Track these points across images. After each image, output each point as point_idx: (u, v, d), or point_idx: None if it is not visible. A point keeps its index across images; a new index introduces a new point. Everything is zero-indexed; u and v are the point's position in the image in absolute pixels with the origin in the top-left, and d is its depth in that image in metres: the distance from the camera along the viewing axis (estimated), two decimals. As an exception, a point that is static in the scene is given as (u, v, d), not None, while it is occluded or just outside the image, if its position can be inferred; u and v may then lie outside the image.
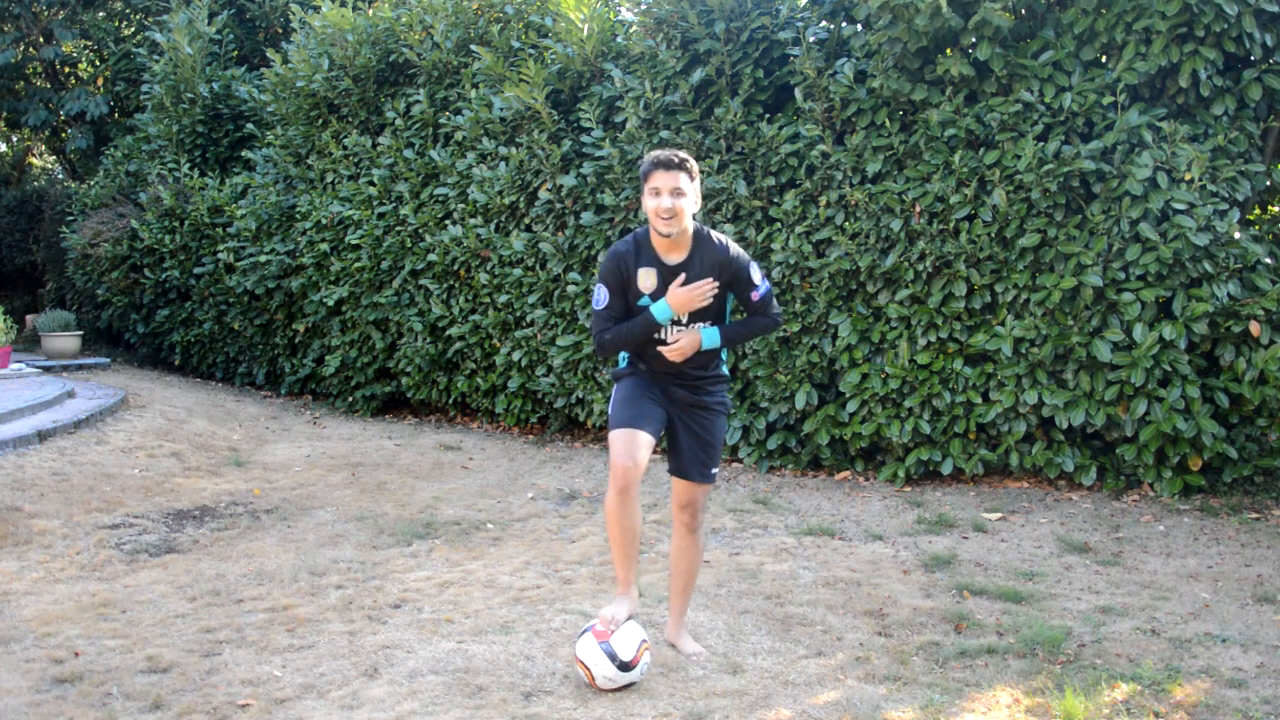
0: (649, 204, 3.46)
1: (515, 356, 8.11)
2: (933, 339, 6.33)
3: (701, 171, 6.99)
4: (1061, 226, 5.99)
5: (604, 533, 5.39)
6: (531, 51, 8.20)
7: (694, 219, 3.56)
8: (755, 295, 3.60)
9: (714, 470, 3.66)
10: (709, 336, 3.55)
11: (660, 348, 3.53)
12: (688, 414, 3.63)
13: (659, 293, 3.51)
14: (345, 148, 9.57)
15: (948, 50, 6.25)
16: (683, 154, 3.49)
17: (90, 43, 14.53)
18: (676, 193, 3.41)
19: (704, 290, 3.44)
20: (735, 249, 3.57)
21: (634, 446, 3.42)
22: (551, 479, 6.73)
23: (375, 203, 9.09)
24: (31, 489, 5.84)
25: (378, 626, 4.00)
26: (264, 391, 10.50)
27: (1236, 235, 5.83)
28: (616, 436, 3.45)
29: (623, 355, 3.71)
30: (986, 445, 6.36)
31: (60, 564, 4.78)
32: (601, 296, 3.56)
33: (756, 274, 3.60)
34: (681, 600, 3.77)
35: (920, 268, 6.33)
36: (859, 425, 6.48)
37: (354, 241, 9.08)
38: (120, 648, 3.77)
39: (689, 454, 3.62)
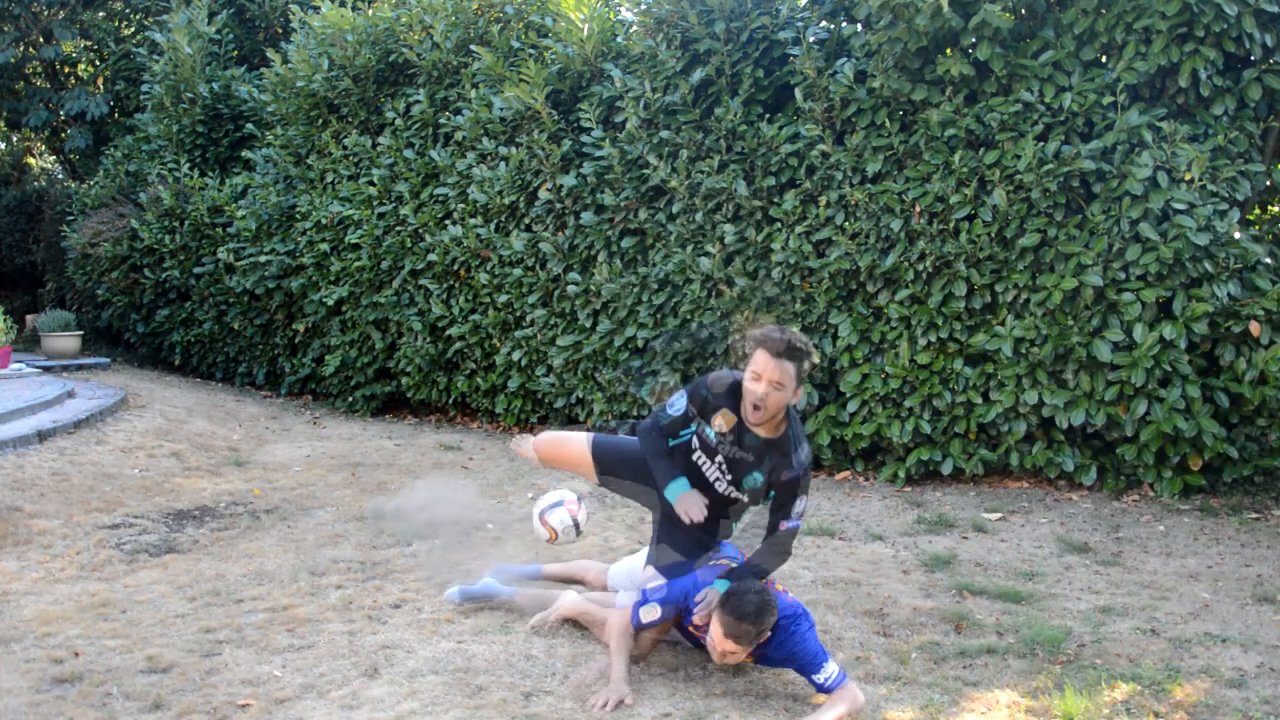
0: (746, 383, 3.25)
1: (515, 356, 8.11)
2: (933, 339, 6.33)
3: (701, 171, 7.00)
4: (1061, 226, 5.99)
5: (604, 533, 5.39)
6: (531, 51, 8.20)
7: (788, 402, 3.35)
8: (784, 525, 3.38)
9: None
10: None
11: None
12: None
13: (721, 440, 3.37)
14: (345, 148, 9.57)
15: (948, 50, 6.25)
16: (799, 341, 3.20)
17: (90, 43, 14.51)
18: (776, 386, 3.21)
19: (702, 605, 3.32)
20: (806, 478, 3.36)
21: None
22: (551, 479, 6.73)
23: (375, 203, 9.09)
24: (31, 489, 5.84)
25: (378, 626, 3.99)
26: (264, 391, 10.50)
27: (1236, 235, 5.83)
28: None
29: None
30: (986, 445, 6.36)
31: (60, 564, 4.78)
32: (677, 405, 3.45)
33: (800, 507, 3.39)
34: None
35: (920, 268, 6.33)
36: (859, 425, 6.48)
37: (354, 241, 9.08)
38: (120, 648, 3.76)
39: None
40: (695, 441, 3.51)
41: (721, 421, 3.38)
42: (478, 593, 4.24)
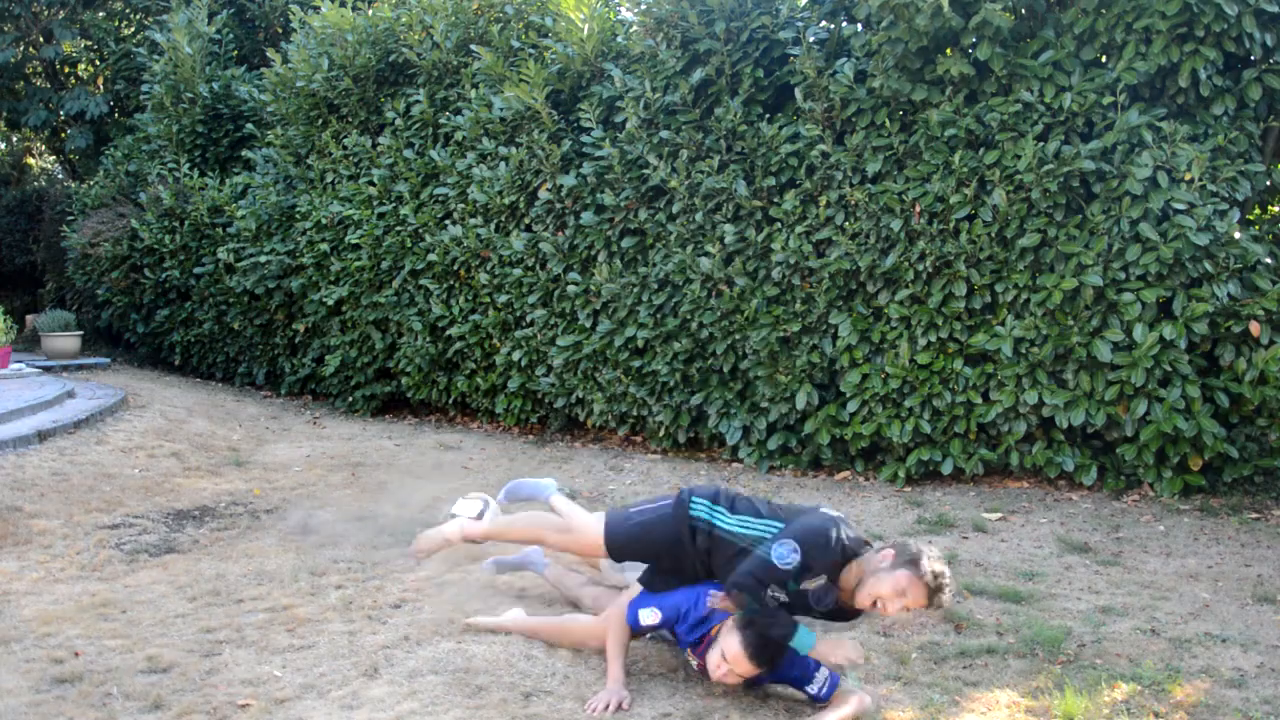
0: (887, 590, 3.18)
1: (515, 356, 8.10)
2: (933, 339, 6.33)
3: (701, 171, 7.01)
4: (1061, 226, 5.99)
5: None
6: (531, 51, 8.20)
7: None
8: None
9: None
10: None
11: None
12: None
13: (814, 598, 3.31)
14: (345, 148, 9.57)
15: (948, 50, 6.25)
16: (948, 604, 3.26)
17: (90, 42, 14.51)
18: (907, 613, 3.23)
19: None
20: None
21: None
22: (552, 479, 6.72)
23: (375, 203, 9.09)
24: (31, 489, 5.84)
25: (378, 626, 3.99)
26: (264, 391, 10.50)
27: (1236, 235, 5.83)
28: None
29: None
30: (986, 445, 6.36)
31: (60, 564, 4.78)
32: (791, 561, 3.23)
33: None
34: None
35: (920, 268, 6.33)
36: (859, 425, 6.48)
37: (354, 241, 9.07)
38: (120, 648, 3.76)
39: None
40: None
41: (821, 590, 3.31)
42: (513, 562, 4.38)
